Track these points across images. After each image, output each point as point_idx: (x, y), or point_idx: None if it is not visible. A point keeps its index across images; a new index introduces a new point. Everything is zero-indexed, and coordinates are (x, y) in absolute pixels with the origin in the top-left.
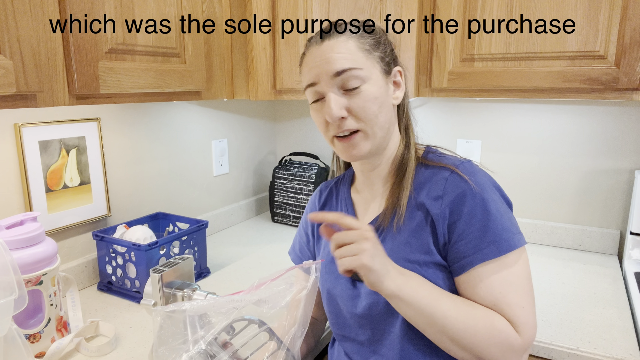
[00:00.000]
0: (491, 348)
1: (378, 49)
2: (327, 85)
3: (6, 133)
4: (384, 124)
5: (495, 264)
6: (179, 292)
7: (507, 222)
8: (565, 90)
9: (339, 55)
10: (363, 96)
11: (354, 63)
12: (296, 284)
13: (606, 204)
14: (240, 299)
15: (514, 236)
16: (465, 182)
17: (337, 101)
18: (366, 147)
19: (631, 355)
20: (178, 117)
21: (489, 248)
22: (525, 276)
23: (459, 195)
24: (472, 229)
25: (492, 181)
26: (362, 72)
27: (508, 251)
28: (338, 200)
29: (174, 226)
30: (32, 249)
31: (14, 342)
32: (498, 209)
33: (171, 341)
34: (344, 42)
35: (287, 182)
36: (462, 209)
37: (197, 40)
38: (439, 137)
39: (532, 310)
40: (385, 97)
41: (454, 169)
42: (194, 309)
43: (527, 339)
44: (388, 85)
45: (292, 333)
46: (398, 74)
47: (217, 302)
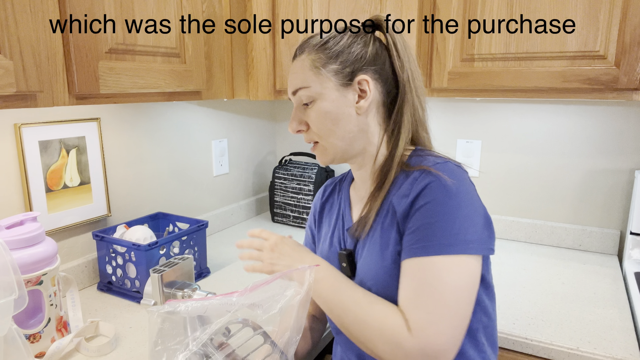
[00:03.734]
0: (379, 343)
1: (335, 62)
2: (293, 101)
3: (6, 133)
4: (343, 135)
5: (423, 262)
6: (179, 292)
7: (457, 227)
8: (565, 90)
9: (293, 75)
10: (315, 112)
11: (303, 82)
12: (290, 289)
13: (606, 204)
14: (234, 303)
15: (457, 242)
16: (430, 180)
17: (295, 116)
18: (327, 156)
19: (631, 355)
20: (178, 117)
21: (420, 245)
22: (453, 287)
23: (421, 190)
24: (418, 223)
25: (467, 186)
26: (311, 91)
27: (439, 254)
28: (339, 197)
29: (174, 226)
30: (32, 249)
31: (14, 342)
32: (451, 212)
33: (167, 341)
34: (301, 61)
35: (287, 182)
36: (417, 204)
37: (197, 40)
38: (439, 137)
39: (442, 321)
40: (343, 109)
41: (427, 169)
42: (188, 311)
43: (420, 343)
44: (346, 97)
45: (286, 338)
46: (364, 82)
47: (210, 304)
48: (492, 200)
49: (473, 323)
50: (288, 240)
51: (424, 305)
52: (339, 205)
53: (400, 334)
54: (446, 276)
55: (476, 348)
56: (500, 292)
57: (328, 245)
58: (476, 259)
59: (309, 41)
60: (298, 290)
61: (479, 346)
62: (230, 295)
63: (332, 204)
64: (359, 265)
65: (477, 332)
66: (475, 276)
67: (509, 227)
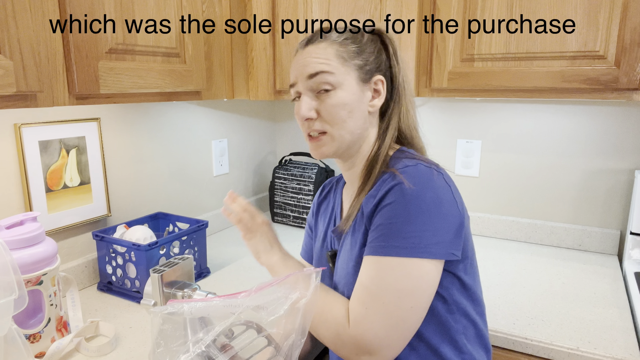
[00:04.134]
0: (323, 330)
1: (359, 57)
2: (303, 87)
3: (6, 133)
4: (353, 129)
5: (374, 261)
6: (179, 292)
7: (413, 230)
8: (565, 90)
9: (315, 59)
10: (332, 100)
11: (328, 67)
12: (296, 292)
13: (606, 204)
14: (238, 304)
15: (409, 246)
16: (393, 184)
17: (308, 103)
18: (331, 148)
19: (631, 355)
20: (178, 117)
21: (375, 244)
22: (395, 288)
23: (386, 192)
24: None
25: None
26: (334, 77)
27: (388, 255)
28: (334, 198)
29: (174, 226)
30: (32, 249)
31: (14, 342)
32: (410, 215)
33: (169, 343)
34: (323, 49)
35: (287, 182)
36: (381, 204)
37: (197, 40)
38: (439, 137)
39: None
40: (358, 104)
41: (394, 171)
42: (192, 312)
43: (354, 335)
44: (364, 93)
45: (291, 341)
46: (379, 82)
47: (215, 306)
48: (492, 200)
49: (451, 325)
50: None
51: (363, 301)
52: (332, 205)
53: (339, 323)
54: (390, 277)
55: (455, 348)
56: (500, 292)
57: (320, 245)
58: (431, 263)
59: (328, 34)
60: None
61: (459, 347)
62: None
63: (328, 204)
64: (336, 265)
65: (457, 333)
66: (426, 280)
67: (509, 227)
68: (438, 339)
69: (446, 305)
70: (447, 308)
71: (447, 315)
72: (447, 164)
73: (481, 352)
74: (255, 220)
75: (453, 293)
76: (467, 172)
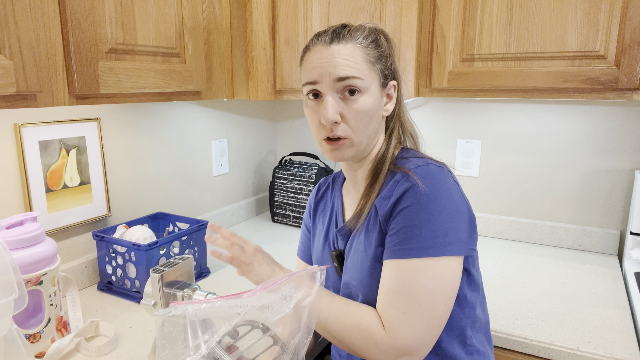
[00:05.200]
0: (357, 341)
1: (380, 62)
2: (328, 87)
3: (6, 133)
4: (371, 134)
5: (401, 264)
6: (179, 292)
7: (436, 230)
8: (565, 90)
9: (345, 61)
10: (358, 106)
11: (358, 72)
12: (301, 291)
13: (606, 204)
14: (243, 304)
15: (435, 245)
16: (411, 183)
17: (334, 106)
18: (350, 152)
19: (631, 355)
20: (178, 117)
21: (400, 247)
22: (429, 289)
23: (401, 195)
24: (399, 226)
25: (448, 188)
26: (363, 83)
27: (416, 257)
28: (332, 197)
29: (174, 226)
30: (32, 249)
31: (14, 342)
32: (431, 215)
33: (174, 345)
34: (351, 50)
35: (287, 182)
36: (399, 207)
37: (197, 40)
38: (439, 137)
39: (415, 321)
40: (378, 109)
41: (407, 172)
42: (196, 314)
43: (394, 341)
44: (382, 98)
45: (297, 340)
46: (392, 87)
47: (219, 307)
48: (492, 200)
49: (460, 319)
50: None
51: (399, 306)
52: (332, 205)
53: (375, 332)
54: (422, 278)
55: (462, 342)
56: (500, 292)
57: (322, 244)
58: (455, 260)
59: (352, 32)
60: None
61: (466, 340)
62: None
63: (326, 203)
64: (346, 265)
65: (466, 327)
66: (453, 277)
67: (509, 227)
68: (445, 332)
69: (457, 299)
70: (457, 302)
71: (457, 308)
72: (447, 164)
73: (484, 342)
74: (246, 251)
75: (463, 287)
76: (467, 172)
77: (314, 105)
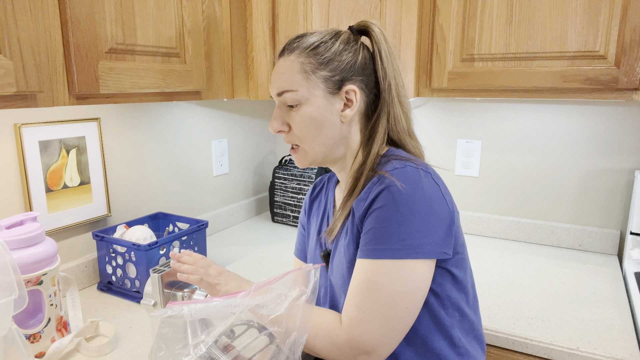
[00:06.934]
0: (316, 341)
1: (326, 69)
2: (276, 100)
3: (6, 133)
4: (325, 141)
5: (368, 264)
6: (179, 292)
7: (404, 232)
8: (565, 90)
9: (281, 76)
10: (299, 116)
11: (291, 85)
12: (295, 289)
13: (606, 204)
14: (238, 304)
15: (402, 247)
16: (385, 185)
17: (278, 117)
18: (306, 160)
19: (631, 355)
20: (178, 117)
21: (368, 248)
22: (391, 290)
23: (376, 196)
24: (369, 226)
25: (423, 191)
26: (298, 94)
27: (382, 258)
28: (325, 196)
29: (174, 226)
30: (32, 249)
31: (14, 342)
32: (402, 217)
33: (171, 346)
34: (290, 62)
35: (287, 182)
36: (372, 207)
37: (197, 40)
38: (439, 137)
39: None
40: (328, 116)
41: (384, 174)
42: (192, 314)
43: (350, 338)
44: (333, 105)
45: (293, 339)
46: (351, 92)
47: (215, 307)
48: (492, 200)
49: (445, 319)
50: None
51: (359, 304)
52: (325, 205)
53: (333, 330)
54: (384, 280)
55: (450, 343)
56: (500, 292)
57: (314, 243)
58: (424, 263)
59: (299, 42)
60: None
61: (454, 340)
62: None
63: (320, 203)
64: (331, 266)
65: (452, 327)
66: (422, 280)
67: (509, 227)
68: (432, 333)
69: (439, 300)
70: (440, 303)
71: (441, 309)
72: (447, 164)
73: (474, 344)
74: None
75: (446, 288)
76: (467, 172)
77: None
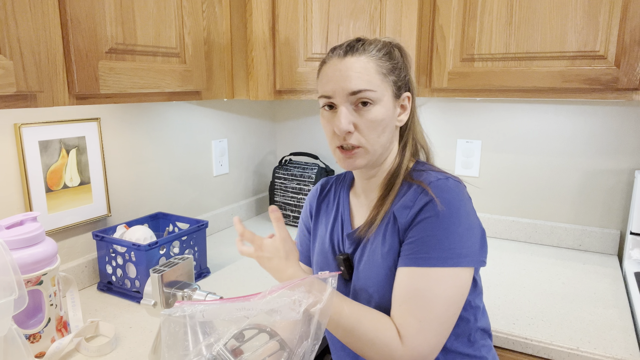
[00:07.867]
0: (372, 353)
1: (393, 74)
2: (341, 99)
3: (6, 133)
4: (384, 143)
5: (417, 272)
6: (179, 292)
7: (453, 242)
8: (565, 90)
9: (357, 74)
10: (371, 116)
11: (370, 85)
12: (311, 297)
13: (606, 204)
14: (252, 307)
15: (451, 256)
16: (430, 197)
17: (347, 116)
18: (363, 161)
19: (631, 355)
20: (178, 117)
21: (417, 256)
22: (444, 297)
23: (423, 206)
24: (417, 236)
25: (465, 203)
26: (375, 94)
27: (433, 266)
28: (336, 200)
29: (174, 226)
30: (32, 249)
31: (14, 342)
32: (450, 227)
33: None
34: (364, 63)
35: (287, 182)
36: (419, 217)
37: (197, 40)
38: (439, 137)
39: (430, 330)
40: (391, 119)
41: (426, 186)
42: (204, 315)
43: (410, 352)
44: (395, 108)
45: (305, 347)
46: (406, 99)
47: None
48: (492, 200)
49: (467, 324)
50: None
51: (415, 314)
52: (336, 207)
53: (391, 343)
54: (438, 288)
55: (472, 346)
56: (500, 292)
57: (326, 246)
58: (468, 271)
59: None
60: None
61: (476, 344)
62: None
63: (329, 204)
64: (360, 270)
65: (470, 328)
66: (465, 287)
67: (509, 227)
68: (454, 335)
69: (466, 307)
70: (466, 309)
71: (466, 315)
72: (447, 164)
73: (485, 336)
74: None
75: (470, 294)
76: (467, 172)
77: (329, 116)
